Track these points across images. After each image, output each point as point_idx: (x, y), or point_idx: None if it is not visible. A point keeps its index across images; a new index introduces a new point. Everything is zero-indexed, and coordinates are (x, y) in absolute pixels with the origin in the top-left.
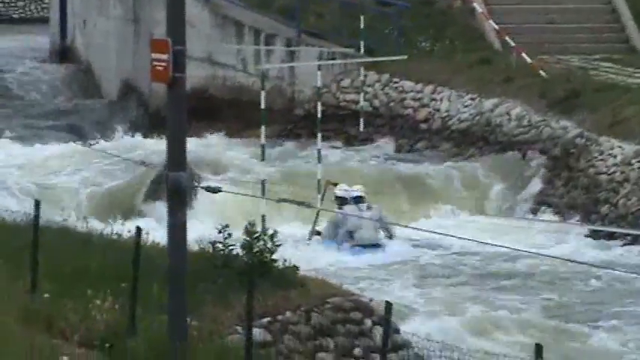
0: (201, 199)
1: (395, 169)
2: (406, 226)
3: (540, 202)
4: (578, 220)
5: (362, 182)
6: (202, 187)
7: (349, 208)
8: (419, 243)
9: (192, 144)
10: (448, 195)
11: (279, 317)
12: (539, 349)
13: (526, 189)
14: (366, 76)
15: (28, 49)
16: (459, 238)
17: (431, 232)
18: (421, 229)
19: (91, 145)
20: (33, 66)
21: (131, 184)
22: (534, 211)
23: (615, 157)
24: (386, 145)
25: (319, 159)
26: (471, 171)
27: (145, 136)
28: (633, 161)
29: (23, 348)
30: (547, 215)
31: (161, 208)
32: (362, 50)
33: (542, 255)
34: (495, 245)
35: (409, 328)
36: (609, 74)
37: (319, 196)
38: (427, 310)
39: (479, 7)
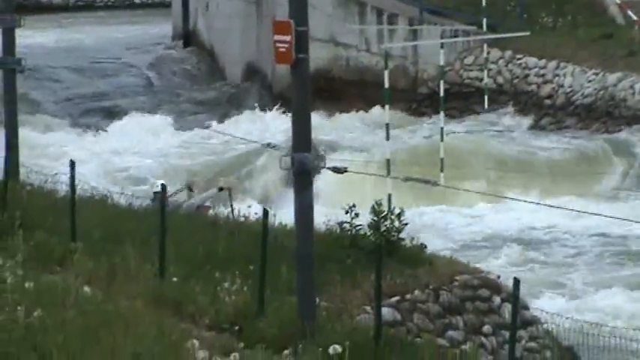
0: (327, 179)
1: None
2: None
3: None
4: None
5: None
6: (328, 168)
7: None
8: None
9: (316, 125)
10: (576, 172)
11: (408, 296)
12: None
13: None
14: (489, 53)
15: (151, 35)
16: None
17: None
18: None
19: (216, 128)
20: (160, 52)
21: (257, 167)
22: None
23: None
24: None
25: (442, 137)
26: (593, 147)
27: (270, 118)
28: None
29: (153, 332)
30: None
31: (288, 189)
32: (484, 27)
33: None
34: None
35: (537, 304)
36: None
37: None
38: (557, 288)
39: None
